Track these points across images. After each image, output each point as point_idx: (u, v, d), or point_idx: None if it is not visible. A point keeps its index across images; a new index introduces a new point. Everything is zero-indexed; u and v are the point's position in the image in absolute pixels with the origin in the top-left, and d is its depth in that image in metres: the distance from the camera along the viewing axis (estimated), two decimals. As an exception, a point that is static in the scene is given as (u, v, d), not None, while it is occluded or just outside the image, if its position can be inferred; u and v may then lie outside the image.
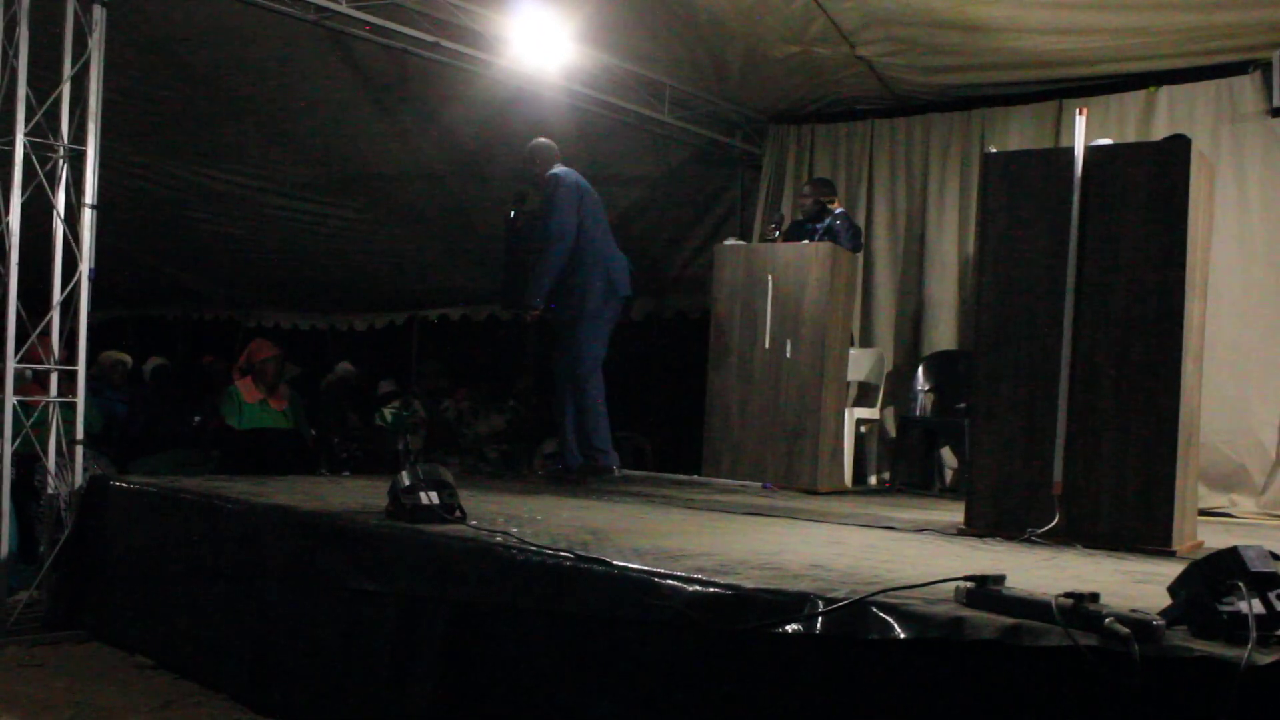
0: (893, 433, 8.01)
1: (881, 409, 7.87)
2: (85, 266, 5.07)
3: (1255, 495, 6.72)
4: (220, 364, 10.12)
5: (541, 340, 9.31)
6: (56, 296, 5.05)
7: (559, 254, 6.40)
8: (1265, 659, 1.94)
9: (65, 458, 5.08)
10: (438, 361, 10.85)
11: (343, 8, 6.36)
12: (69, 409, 5.13)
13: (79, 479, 5.07)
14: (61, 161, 5.06)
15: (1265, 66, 6.85)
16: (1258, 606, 2.08)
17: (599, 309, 6.46)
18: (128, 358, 8.71)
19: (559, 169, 6.58)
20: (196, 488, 4.69)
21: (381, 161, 8.68)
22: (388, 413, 9.19)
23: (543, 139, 6.77)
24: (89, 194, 5.11)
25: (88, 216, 5.11)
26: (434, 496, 3.74)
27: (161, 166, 8.58)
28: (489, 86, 7.36)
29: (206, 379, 9.57)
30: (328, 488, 5.16)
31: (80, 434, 5.13)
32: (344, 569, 3.66)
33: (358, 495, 4.57)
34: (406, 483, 3.78)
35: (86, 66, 5.10)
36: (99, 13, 5.13)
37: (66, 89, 5.06)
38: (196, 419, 7.92)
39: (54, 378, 5.08)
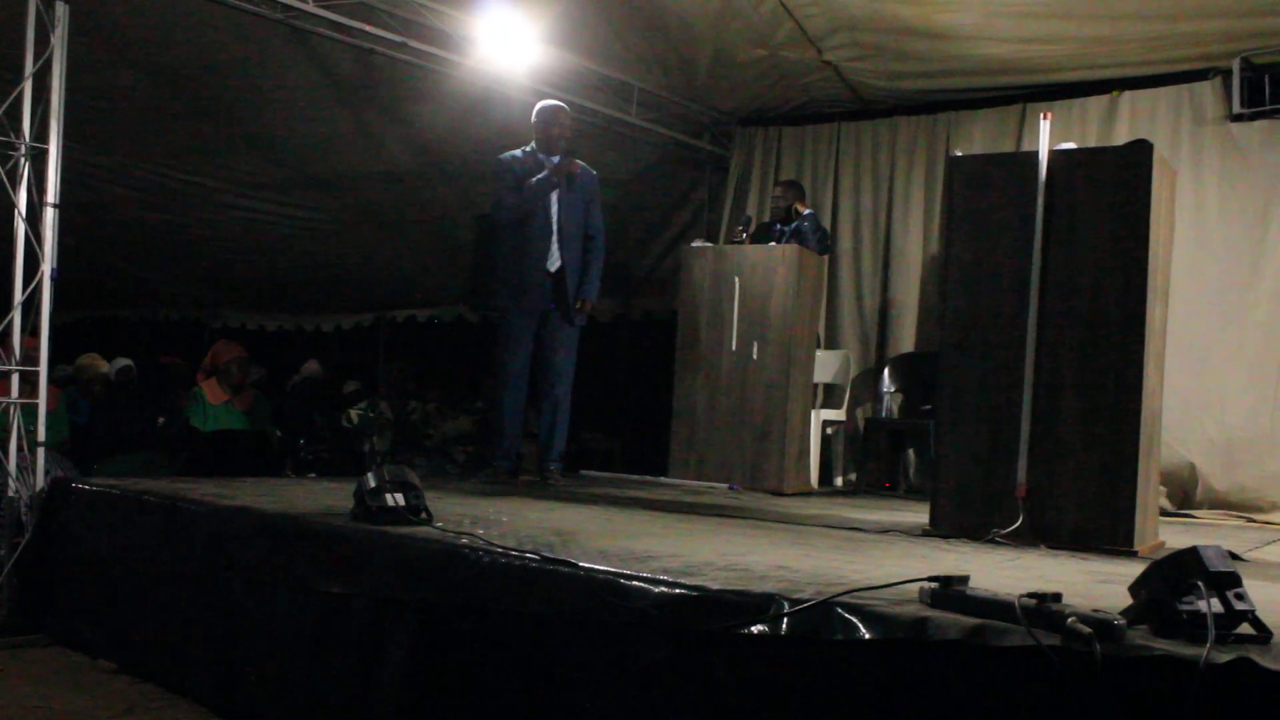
0: (859, 434, 8.05)
1: (848, 410, 7.91)
2: (47, 267, 5.03)
3: (1209, 494, 6.81)
4: (182, 365, 10.04)
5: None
6: (18, 297, 4.99)
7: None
8: (1224, 657, 1.97)
9: (26, 460, 5.03)
10: (405, 363, 10.80)
11: (310, 7, 6.34)
12: (30, 411, 5.08)
13: (40, 481, 5.02)
14: (23, 160, 5.01)
15: (1225, 74, 6.94)
16: (1216, 605, 2.10)
17: None
18: (107, 367, 8.59)
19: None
20: (160, 490, 4.65)
21: (348, 161, 8.65)
22: (354, 414, 9.15)
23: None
24: (51, 193, 5.07)
25: (50, 216, 5.06)
26: (400, 498, 3.72)
27: (125, 166, 8.50)
28: (456, 87, 7.35)
29: (169, 380, 9.49)
30: (293, 489, 5.13)
31: (42, 435, 5.08)
32: (310, 571, 3.65)
33: (323, 497, 4.54)
34: (372, 484, 3.76)
35: (49, 64, 5.06)
36: (61, 10, 5.09)
37: (28, 87, 5.02)
38: (160, 420, 7.85)
39: (15, 379, 5.03)
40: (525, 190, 6.19)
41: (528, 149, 6.33)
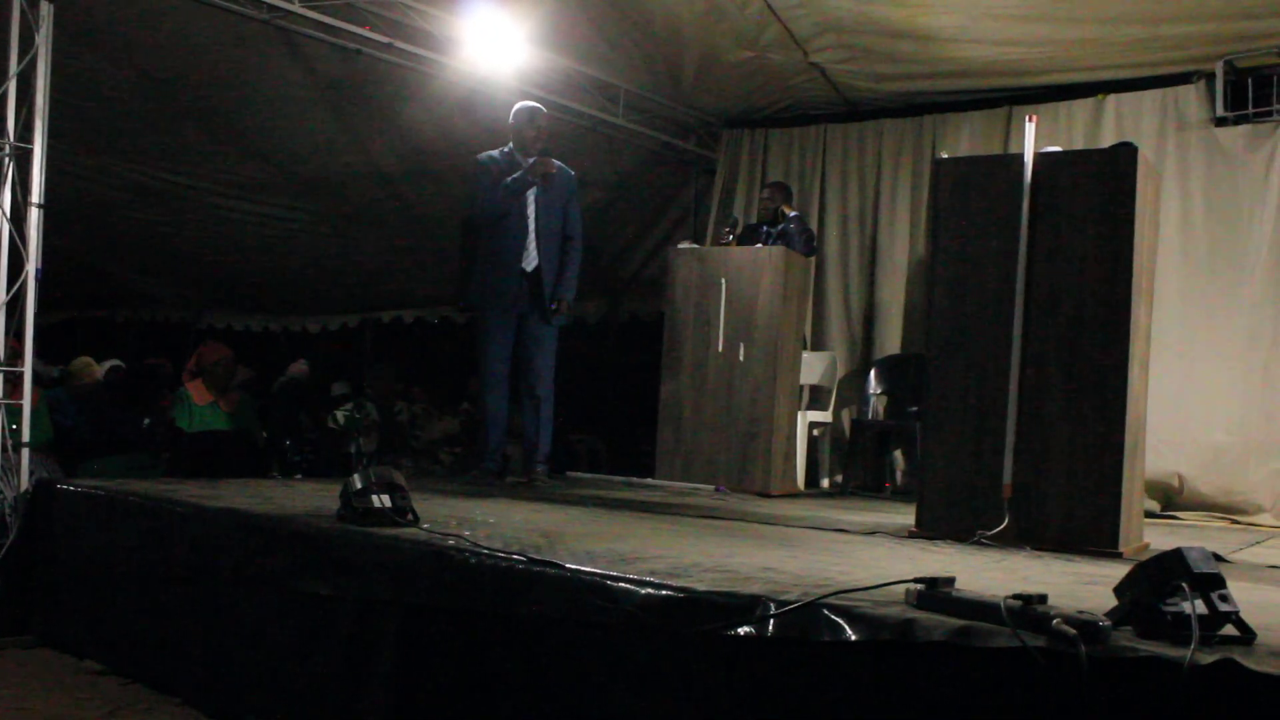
0: (845, 436, 8.06)
1: (834, 412, 7.92)
2: (32, 267, 5.00)
3: (1194, 496, 6.84)
4: (168, 366, 10.01)
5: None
6: (2, 297, 4.97)
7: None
8: (1207, 659, 1.98)
9: (10, 461, 5.01)
10: (391, 364, 10.79)
11: (295, 7, 6.33)
12: (14, 411, 5.05)
13: (25, 483, 4.99)
14: (7, 160, 4.99)
15: (1209, 77, 6.98)
16: (1200, 607, 2.11)
17: None
18: (101, 372, 8.53)
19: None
20: (146, 491, 4.63)
21: (334, 163, 8.63)
22: (340, 415, 9.13)
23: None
24: (36, 193, 5.04)
25: (35, 216, 5.04)
26: (386, 499, 3.72)
27: (111, 167, 8.47)
28: (443, 88, 7.34)
29: (155, 381, 9.46)
30: (279, 491, 5.12)
31: (26, 436, 5.06)
32: (296, 572, 3.64)
33: (309, 498, 4.53)
34: (358, 485, 3.75)
35: (33, 64, 5.03)
36: (46, 9, 5.07)
37: (12, 86, 5.00)
38: (146, 422, 7.83)
39: (-1, 379, 5.02)
40: (501, 189, 6.19)
41: (505, 150, 6.34)
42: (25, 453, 5.04)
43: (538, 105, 6.53)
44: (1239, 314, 6.88)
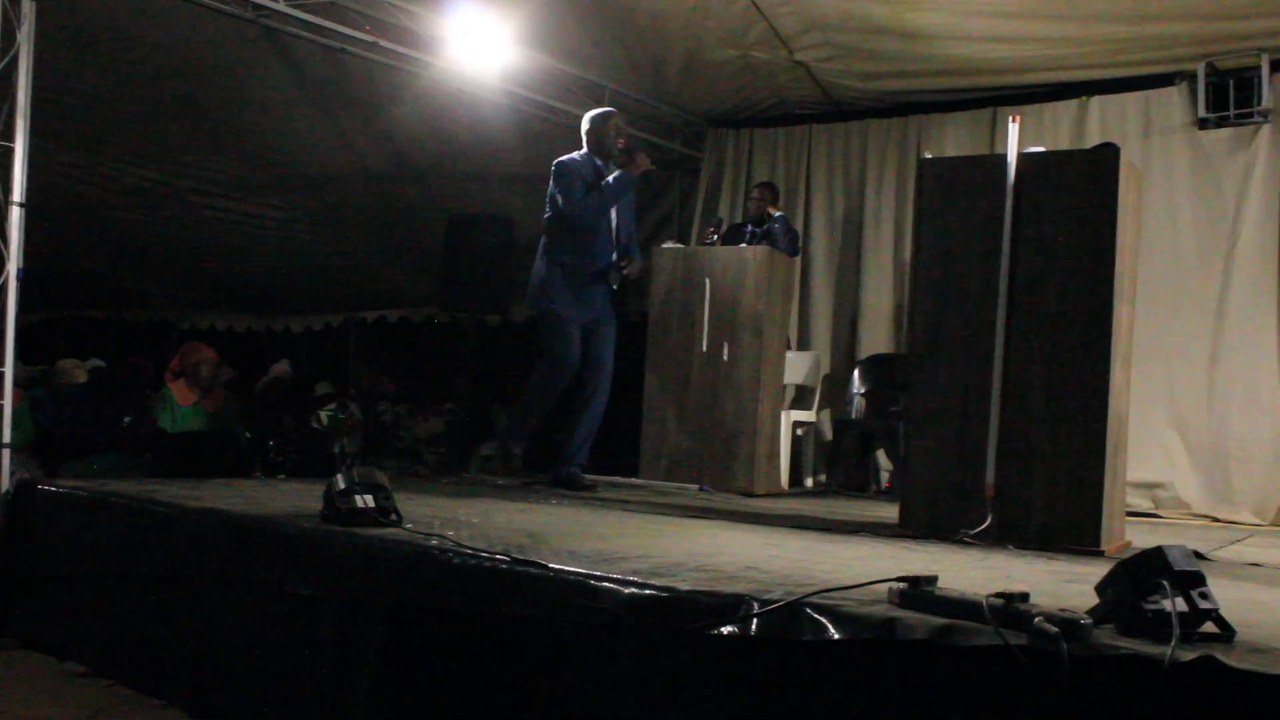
0: (829, 435, 8.08)
1: (818, 412, 7.94)
2: (14, 266, 4.98)
3: (1175, 495, 6.86)
4: (149, 366, 9.96)
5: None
6: (-16, 297, 4.95)
7: None
8: (1188, 656, 1.99)
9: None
10: (375, 364, 10.76)
11: (280, 6, 6.31)
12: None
13: (6, 483, 4.96)
14: (-11, 158, 4.97)
15: (1191, 78, 7.01)
16: (1181, 604, 2.13)
17: None
18: (85, 376, 8.49)
19: None
20: (128, 491, 4.61)
21: (319, 162, 8.60)
22: (324, 415, 9.10)
23: None
24: (18, 192, 5.02)
25: (16, 215, 5.01)
26: (369, 499, 3.70)
27: (93, 165, 8.43)
28: (428, 87, 7.33)
29: (136, 381, 9.41)
30: (262, 491, 5.10)
31: (7, 437, 5.03)
32: (279, 573, 3.62)
33: (293, 498, 4.52)
34: (341, 486, 3.74)
35: (15, 61, 5.01)
36: (28, 7, 5.04)
37: (-7, 84, 4.98)
38: (127, 421, 7.78)
39: (-20, 380, 4.98)
40: (604, 188, 6.09)
41: (583, 154, 6.24)
42: (6, 453, 5.01)
43: (609, 108, 6.50)
44: (1225, 315, 6.90)
